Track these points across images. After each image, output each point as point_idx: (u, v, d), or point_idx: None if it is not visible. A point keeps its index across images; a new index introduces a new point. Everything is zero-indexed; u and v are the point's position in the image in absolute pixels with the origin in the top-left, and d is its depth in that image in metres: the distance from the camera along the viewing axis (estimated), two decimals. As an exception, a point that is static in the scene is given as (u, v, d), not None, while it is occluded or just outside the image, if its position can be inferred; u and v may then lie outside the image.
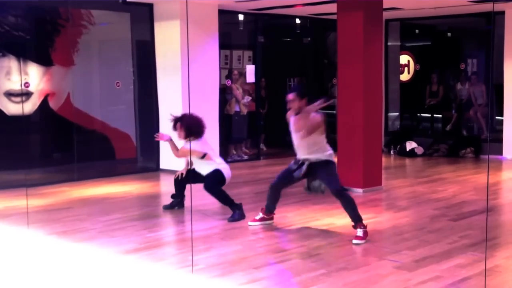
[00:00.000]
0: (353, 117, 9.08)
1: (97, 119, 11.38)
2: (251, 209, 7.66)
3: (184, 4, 10.52)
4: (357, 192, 8.96)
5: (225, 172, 7.71)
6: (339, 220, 7.33)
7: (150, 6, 11.06)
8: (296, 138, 6.86)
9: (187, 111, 8.41)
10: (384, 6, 9.53)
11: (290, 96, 6.77)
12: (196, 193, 8.51)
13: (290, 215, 7.57)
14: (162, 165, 11.14)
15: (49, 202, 8.59)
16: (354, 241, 6.44)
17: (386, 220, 7.44)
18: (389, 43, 14.39)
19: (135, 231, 6.97)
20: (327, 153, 6.80)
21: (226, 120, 12.24)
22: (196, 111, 10.41)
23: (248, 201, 8.29)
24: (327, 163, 6.78)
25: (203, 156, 7.65)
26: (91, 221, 7.47)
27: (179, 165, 10.20)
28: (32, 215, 7.50)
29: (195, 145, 7.65)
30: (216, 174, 7.69)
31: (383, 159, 9.92)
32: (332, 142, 11.34)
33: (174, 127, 7.82)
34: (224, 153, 12.08)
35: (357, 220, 6.58)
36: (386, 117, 14.22)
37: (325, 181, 6.76)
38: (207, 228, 7.03)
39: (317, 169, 6.78)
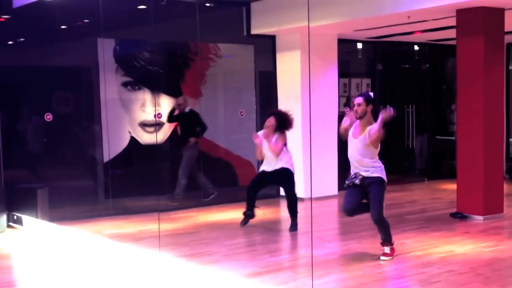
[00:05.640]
0: (473, 142, 8.99)
1: (221, 147, 11.90)
2: (370, 235, 7.77)
3: (305, 35, 10.82)
4: (477, 219, 8.85)
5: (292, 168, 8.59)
6: (459, 247, 7.31)
7: (272, 38, 11.50)
8: (354, 146, 6.95)
9: (307, 142, 8.92)
10: (506, 30, 9.38)
11: (358, 100, 6.77)
12: (315, 219, 8.73)
13: (409, 242, 7.61)
14: (282, 191, 11.40)
15: (178, 226, 9.06)
16: (382, 258, 6.79)
17: (509, 248, 7.30)
18: (510, 67, 14.00)
19: (257, 255, 7.27)
20: (380, 169, 6.94)
21: (345, 146, 12.33)
22: (316, 137, 10.74)
23: (366, 227, 8.19)
24: (381, 182, 6.90)
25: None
26: (216, 244, 7.83)
27: (299, 192, 10.43)
28: (163, 239, 7.92)
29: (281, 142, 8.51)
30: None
31: (505, 185, 9.69)
32: (452, 168, 11.12)
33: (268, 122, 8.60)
34: (343, 178, 12.16)
35: (386, 240, 6.87)
36: (508, 142, 13.79)
37: (370, 201, 6.82)
38: (327, 254, 7.20)
39: (370, 186, 6.86)
